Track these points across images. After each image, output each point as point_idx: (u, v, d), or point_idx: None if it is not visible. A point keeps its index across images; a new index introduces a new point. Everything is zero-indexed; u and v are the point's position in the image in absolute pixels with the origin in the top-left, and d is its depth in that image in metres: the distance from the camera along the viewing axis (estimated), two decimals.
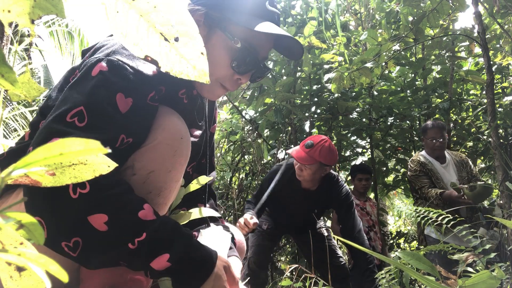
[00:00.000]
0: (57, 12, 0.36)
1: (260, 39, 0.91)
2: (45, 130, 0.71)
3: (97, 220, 0.68)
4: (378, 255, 0.73)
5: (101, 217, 0.68)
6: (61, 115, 0.72)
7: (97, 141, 0.29)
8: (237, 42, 0.89)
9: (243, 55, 0.90)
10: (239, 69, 0.92)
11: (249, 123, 4.27)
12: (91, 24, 16.12)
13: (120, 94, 0.76)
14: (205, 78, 0.39)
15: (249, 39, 0.90)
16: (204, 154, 1.13)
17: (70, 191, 0.67)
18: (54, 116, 0.72)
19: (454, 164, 3.08)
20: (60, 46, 6.89)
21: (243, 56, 0.91)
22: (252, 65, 0.93)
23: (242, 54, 0.90)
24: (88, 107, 0.72)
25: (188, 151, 0.87)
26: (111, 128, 0.74)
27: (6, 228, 0.29)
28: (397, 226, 8.09)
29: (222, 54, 0.90)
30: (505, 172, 2.06)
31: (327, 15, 4.08)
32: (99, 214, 0.68)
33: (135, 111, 0.78)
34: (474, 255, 1.35)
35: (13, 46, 3.20)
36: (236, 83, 0.96)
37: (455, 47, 3.77)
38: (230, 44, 0.89)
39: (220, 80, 0.94)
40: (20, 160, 0.28)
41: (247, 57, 0.91)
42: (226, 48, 0.90)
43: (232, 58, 0.91)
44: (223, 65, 0.91)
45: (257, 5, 0.91)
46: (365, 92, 4.17)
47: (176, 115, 0.86)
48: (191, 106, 1.00)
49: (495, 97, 2.29)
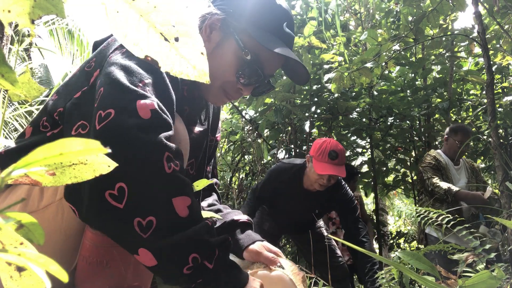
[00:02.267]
0: (57, 12, 0.36)
1: (270, 57, 0.93)
2: (124, 93, 0.69)
3: (181, 203, 0.66)
4: (380, 257, 0.73)
5: (185, 200, 0.66)
6: (135, 81, 0.72)
7: (97, 141, 0.29)
8: (247, 54, 0.90)
9: (250, 68, 0.92)
10: (243, 80, 0.93)
11: (249, 123, 4.27)
12: (91, 24, 16.10)
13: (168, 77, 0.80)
14: (205, 78, 0.39)
15: (260, 54, 0.91)
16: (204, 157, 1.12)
17: (165, 163, 0.65)
18: (130, 81, 0.71)
19: (466, 169, 3.13)
20: (60, 45, 6.89)
21: (249, 69, 0.92)
22: (255, 80, 0.94)
23: (249, 67, 0.92)
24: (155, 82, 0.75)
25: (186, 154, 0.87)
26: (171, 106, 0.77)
27: (6, 228, 0.29)
28: (397, 226, 8.09)
29: (231, 61, 0.92)
30: (505, 172, 2.06)
31: (327, 15, 4.08)
32: (184, 197, 0.66)
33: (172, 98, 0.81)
34: (474, 255, 1.35)
35: (13, 46, 3.21)
36: (238, 92, 0.97)
37: (454, 47, 3.77)
38: (240, 54, 0.91)
39: (223, 86, 0.95)
40: (20, 160, 0.28)
41: (253, 70, 0.92)
42: (236, 57, 0.91)
43: (239, 67, 0.92)
44: (229, 72, 0.93)
45: (275, 24, 0.93)
46: (365, 92, 4.17)
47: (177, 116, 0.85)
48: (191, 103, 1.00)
49: (495, 97, 2.29)
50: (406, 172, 4.63)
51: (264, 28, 0.91)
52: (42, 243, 0.33)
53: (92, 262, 0.75)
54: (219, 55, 0.92)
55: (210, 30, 0.93)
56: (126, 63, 0.74)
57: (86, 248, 0.75)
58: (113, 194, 0.63)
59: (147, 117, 0.66)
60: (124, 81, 0.70)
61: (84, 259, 0.76)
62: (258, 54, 0.91)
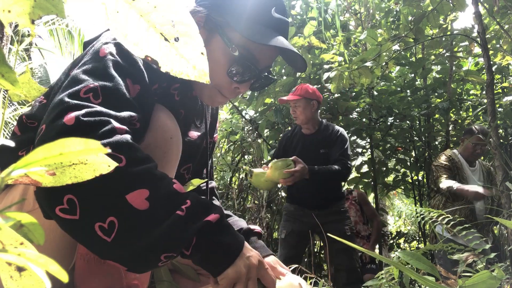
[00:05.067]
0: (57, 12, 0.36)
1: (261, 49, 0.87)
2: (58, 106, 0.65)
3: (137, 198, 0.62)
4: (380, 257, 0.73)
5: (142, 193, 0.62)
6: (75, 92, 0.66)
7: (97, 141, 0.29)
8: (234, 50, 0.84)
9: (240, 64, 0.86)
10: (236, 78, 0.88)
11: (249, 123, 4.27)
12: (91, 24, 16.09)
13: (129, 79, 0.74)
14: (205, 78, 0.39)
15: (249, 47, 0.86)
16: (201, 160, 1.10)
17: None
18: (67, 93, 0.66)
19: (482, 172, 3.14)
20: (60, 45, 6.90)
21: (241, 65, 0.86)
22: (250, 75, 0.89)
23: (240, 62, 0.86)
24: (102, 86, 0.68)
25: (178, 150, 0.84)
26: (126, 107, 0.70)
27: (6, 228, 0.29)
28: (397, 226, 8.09)
29: (220, 60, 0.86)
30: (505, 172, 2.06)
31: (327, 15, 4.08)
32: (139, 190, 0.62)
33: (140, 99, 0.75)
34: (474, 255, 1.35)
35: (13, 46, 3.21)
36: (234, 91, 0.92)
37: (454, 47, 3.77)
38: (228, 51, 0.85)
39: (217, 87, 0.90)
40: (20, 159, 0.28)
41: (245, 66, 0.86)
42: (224, 55, 0.86)
43: (229, 65, 0.86)
44: (220, 72, 0.87)
45: (261, 12, 0.87)
46: (365, 92, 4.17)
47: (166, 113, 0.83)
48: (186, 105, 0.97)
49: (495, 97, 2.29)
50: (406, 172, 4.63)
51: (249, 19, 0.85)
52: (42, 243, 0.33)
53: (90, 259, 0.75)
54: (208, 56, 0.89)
55: None
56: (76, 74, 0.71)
57: (83, 246, 0.75)
58: (64, 209, 0.60)
59: (70, 124, 0.62)
60: (63, 95, 0.66)
61: (82, 257, 0.76)
62: (248, 49, 0.85)
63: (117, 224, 0.61)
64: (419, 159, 4.48)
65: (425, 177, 4.61)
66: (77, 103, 0.64)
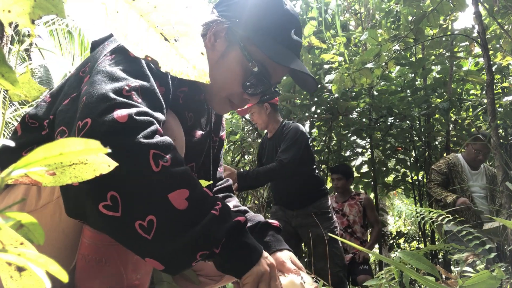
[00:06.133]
0: (57, 12, 0.36)
1: (277, 67, 0.91)
2: (104, 102, 0.64)
3: (178, 197, 0.63)
4: (380, 257, 0.73)
5: (183, 193, 0.64)
6: (118, 89, 0.67)
7: (97, 141, 0.29)
8: (254, 66, 0.88)
9: (257, 79, 0.90)
10: (250, 91, 0.92)
11: (249, 123, 4.27)
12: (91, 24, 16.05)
13: (157, 81, 0.76)
14: (205, 78, 0.39)
15: (267, 65, 0.89)
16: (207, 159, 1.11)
17: (151, 162, 0.62)
18: (111, 89, 0.66)
19: (486, 176, 3.19)
20: (60, 45, 6.89)
21: (256, 80, 0.90)
22: (263, 90, 0.93)
23: (257, 78, 0.90)
24: (142, 85, 0.70)
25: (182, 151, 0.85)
26: (159, 108, 0.73)
27: (6, 228, 0.29)
28: (397, 226, 8.09)
29: (237, 72, 0.90)
30: (505, 172, 2.06)
31: (327, 15, 4.08)
32: (180, 190, 0.64)
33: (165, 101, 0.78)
34: (474, 255, 1.35)
35: (13, 46, 3.21)
36: (244, 101, 0.95)
37: (454, 47, 3.77)
38: (247, 65, 0.89)
39: (229, 97, 0.94)
40: (20, 159, 0.28)
41: (260, 81, 0.91)
42: (242, 67, 0.89)
43: (246, 78, 0.90)
44: (235, 83, 0.91)
45: (282, 32, 0.91)
46: (365, 92, 4.17)
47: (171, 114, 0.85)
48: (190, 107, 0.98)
49: (495, 97, 2.29)
50: (406, 172, 4.63)
51: (270, 36, 0.89)
52: (42, 243, 0.33)
53: (91, 260, 0.75)
54: (224, 65, 0.91)
55: (215, 38, 0.90)
56: (111, 70, 0.71)
57: (84, 246, 0.74)
58: (107, 205, 0.62)
59: (123, 121, 0.63)
60: (106, 90, 0.66)
61: (83, 258, 0.75)
62: (265, 66, 0.89)
63: (156, 223, 0.62)
64: (419, 159, 4.48)
65: (425, 177, 4.61)
66: (126, 101, 0.66)
